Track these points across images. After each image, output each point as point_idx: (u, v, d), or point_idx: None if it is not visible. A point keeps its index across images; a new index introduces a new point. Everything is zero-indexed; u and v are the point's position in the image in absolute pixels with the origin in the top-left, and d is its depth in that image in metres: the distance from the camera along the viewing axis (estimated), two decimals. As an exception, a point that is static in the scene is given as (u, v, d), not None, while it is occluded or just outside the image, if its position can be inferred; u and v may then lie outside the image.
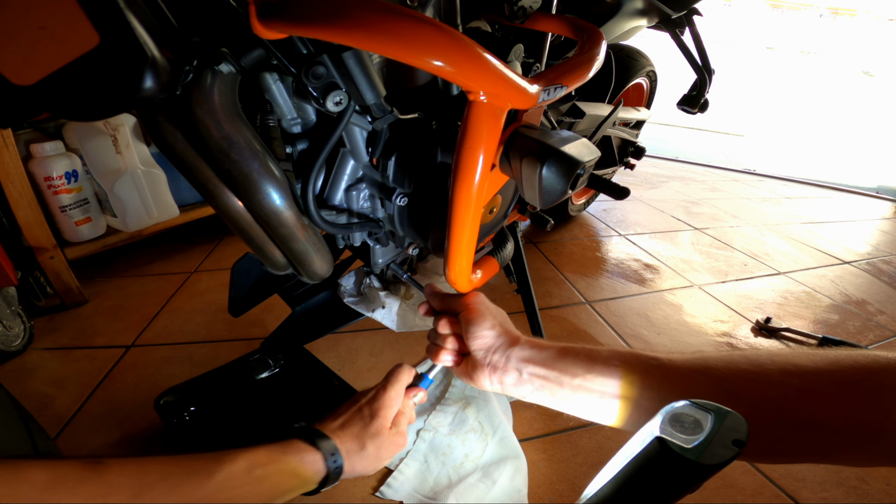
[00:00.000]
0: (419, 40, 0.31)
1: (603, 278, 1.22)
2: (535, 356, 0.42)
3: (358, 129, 0.47)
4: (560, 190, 0.40)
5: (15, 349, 0.83)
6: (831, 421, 0.30)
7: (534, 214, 0.79)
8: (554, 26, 0.59)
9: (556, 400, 0.41)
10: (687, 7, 0.99)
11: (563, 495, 0.62)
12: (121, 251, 1.16)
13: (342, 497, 0.60)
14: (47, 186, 0.93)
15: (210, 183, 0.44)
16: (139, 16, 0.29)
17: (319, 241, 0.51)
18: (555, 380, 0.41)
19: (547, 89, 0.40)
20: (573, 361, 0.40)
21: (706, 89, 1.13)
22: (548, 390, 0.41)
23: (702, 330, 1.03)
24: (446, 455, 0.65)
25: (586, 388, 0.39)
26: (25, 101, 0.30)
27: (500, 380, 0.44)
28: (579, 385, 0.39)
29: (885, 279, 1.37)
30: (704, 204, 1.91)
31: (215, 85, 0.37)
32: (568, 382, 0.40)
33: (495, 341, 0.44)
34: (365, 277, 0.67)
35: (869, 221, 1.91)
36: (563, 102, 0.88)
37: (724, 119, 4.22)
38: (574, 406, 0.41)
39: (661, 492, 0.20)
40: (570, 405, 0.41)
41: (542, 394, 0.42)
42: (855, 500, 0.65)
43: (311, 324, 0.74)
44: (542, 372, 0.41)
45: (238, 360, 0.73)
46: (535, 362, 0.42)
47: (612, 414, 0.39)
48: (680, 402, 0.22)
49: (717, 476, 0.20)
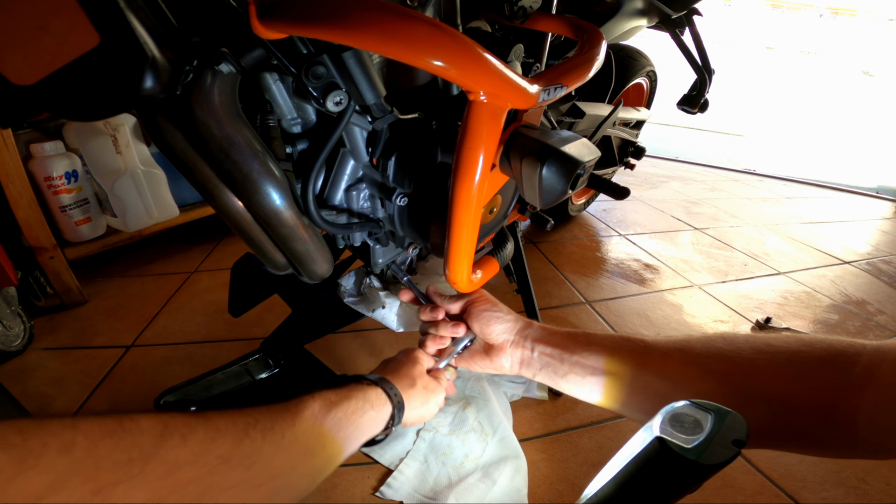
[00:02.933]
0: (419, 40, 0.31)
1: (603, 278, 1.22)
2: (546, 336, 0.47)
3: (358, 129, 0.47)
4: (560, 190, 0.40)
5: (15, 349, 0.83)
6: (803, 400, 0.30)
7: (534, 214, 0.79)
8: (554, 26, 0.59)
9: (557, 377, 0.46)
10: (687, 7, 0.99)
11: (563, 495, 0.62)
12: (121, 251, 1.16)
13: (342, 497, 0.60)
14: (47, 186, 0.93)
15: (210, 183, 0.44)
16: (139, 16, 0.29)
17: (319, 241, 0.51)
18: (557, 357, 0.45)
19: (547, 89, 0.40)
20: (573, 341, 0.45)
21: (706, 89, 1.13)
22: (551, 368, 0.46)
23: (702, 330, 1.03)
24: (446, 455, 0.65)
25: (581, 364, 0.44)
26: (25, 101, 0.30)
27: (519, 358, 0.48)
28: (576, 362, 0.44)
29: (885, 279, 1.37)
30: (704, 204, 1.91)
31: (215, 85, 0.37)
32: (567, 359, 0.45)
33: (514, 324, 0.49)
34: (365, 277, 0.66)
35: (869, 221, 1.91)
36: (563, 102, 0.88)
37: (724, 119, 4.22)
38: (570, 382, 0.45)
39: (661, 492, 0.20)
40: (567, 382, 0.45)
41: (546, 371, 0.47)
42: (855, 500, 0.65)
43: (311, 324, 0.74)
44: (548, 350, 0.46)
45: (238, 360, 0.73)
46: (544, 342, 0.47)
47: (600, 390, 0.43)
48: (680, 403, 0.22)
49: (717, 476, 0.20)
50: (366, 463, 0.65)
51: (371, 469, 0.64)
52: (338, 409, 0.37)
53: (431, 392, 0.48)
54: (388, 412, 0.42)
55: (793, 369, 0.31)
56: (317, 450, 0.33)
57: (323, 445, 0.34)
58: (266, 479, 0.28)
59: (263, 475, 0.27)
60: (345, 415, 0.37)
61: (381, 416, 0.41)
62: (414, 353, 0.51)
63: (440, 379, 0.51)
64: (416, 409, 0.46)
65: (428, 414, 0.48)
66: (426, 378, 0.49)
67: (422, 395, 0.47)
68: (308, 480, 0.33)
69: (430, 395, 0.48)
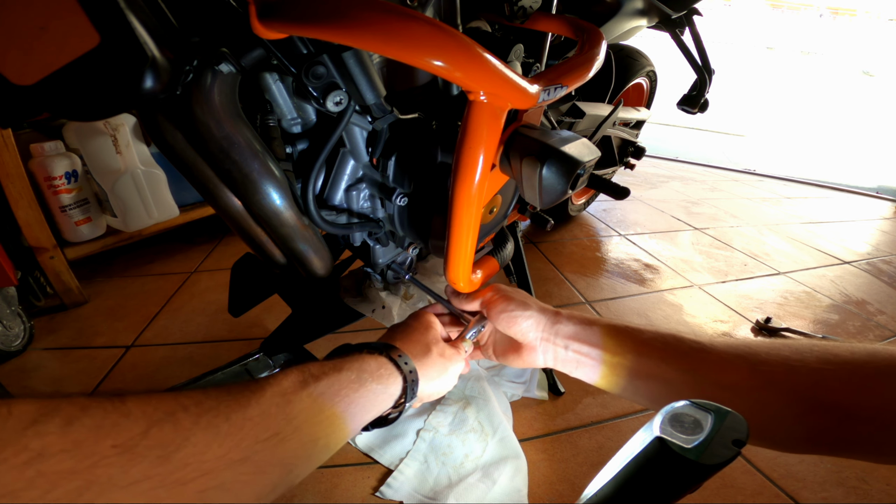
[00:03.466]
0: (419, 40, 0.31)
1: (603, 278, 1.22)
2: (581, 333, 0.43)
3: (358, 129, 0.47)
4: (560, 190, 0.40)
5: (15, 349, 0.83)
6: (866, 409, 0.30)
7: (534, 214, 0.79)
8: (554, 26, 0.59)
9: (596, 376, 0.42)
10: (687, 7, 0.99)
11: (563, 495, 0.62)
12: (121, 251, 1.16)
13: (342, 497, 0.60)
14: (47, 186, 0.93)
15: (210, 183, 0.44)
16: (139, 16, 0.29)
17: (319, 241, 0.51)
18: (597, 358, 0.41)
19: (547, 89, 0.40)
20: (616, 340, 0.41)
21: (706, 89, 1.13)
22: (589, 367, 0.42)
23: (702, 330, 1.03)
24: (446, 455, 0.65)
25: (625, 368, 0.40)
26: (25, 101, 0.30)
27: (553, 355, 0.44)
28: (619, 364, 0.40)
29: (885, 279, 1.37)
30: (704, 204, 1.91)
31: (215, 85, 0.37)
32: (609, 361, 0.41)
33: (539, 320, 0.44)
34: (365, 277, 0.66)
35: (869, 221, 1.91)
36: (563, 102, 0.88)
37: (724, 119, 4.22)
38: (613, 385, 0.42)
39: (661, 492, 0.20)
40: (608, 383, 0.42)
41: (584, 370, 0.43)
42: (855, 500, 0.65)
43: (311, 324, 0.74)
44: (585, 349, 0.42)
45: (238, 360, 0.73)
46: (580, 339, 0.42)
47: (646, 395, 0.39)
48: (680, 403, 0.22)
49: (717, 476, 0.20)
50: (366, 463, 0.65)
51: (371, 469, 0.64)
52: (319, 384, 0.30)
53: (449, 360, 0.42)
54: (397, 385, 0.36)
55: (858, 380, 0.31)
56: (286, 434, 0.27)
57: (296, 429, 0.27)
58: (196, 473, 0.22)
59: (192, 469, 0.22)
60: (331, 390, 0.31)
61: (389, 391, 0.35)
62: (426, 317, 0.45)
63: (459, 348, 0.45)
64: (432, 379, 0.40)
65: (446, 386, 0.42)
66: (442, 344, 0.43)
67: (439, 363, 0.40)
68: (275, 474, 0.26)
69: (449, 364, 0.41)
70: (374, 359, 0.36)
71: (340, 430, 0.31)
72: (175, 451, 0.22)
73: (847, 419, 0.30)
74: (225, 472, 0.23)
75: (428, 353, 0.41)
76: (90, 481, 0.19)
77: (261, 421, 0.26)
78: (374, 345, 0.38)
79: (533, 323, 0.44)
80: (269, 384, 0.28)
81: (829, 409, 0.31)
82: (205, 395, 0.26)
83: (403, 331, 0.43)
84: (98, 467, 0.19)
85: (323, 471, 0.63)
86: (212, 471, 0.23)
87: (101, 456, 0.19)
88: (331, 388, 0.31)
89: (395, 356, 0.37)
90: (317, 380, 0.30)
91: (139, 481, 0.20)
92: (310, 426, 0.29)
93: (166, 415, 0.23)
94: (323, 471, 0.63)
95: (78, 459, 0.19)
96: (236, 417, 0.25)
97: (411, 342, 0.41)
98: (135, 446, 0.21)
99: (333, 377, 0.31)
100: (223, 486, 0.23)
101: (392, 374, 0.36)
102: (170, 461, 0.21)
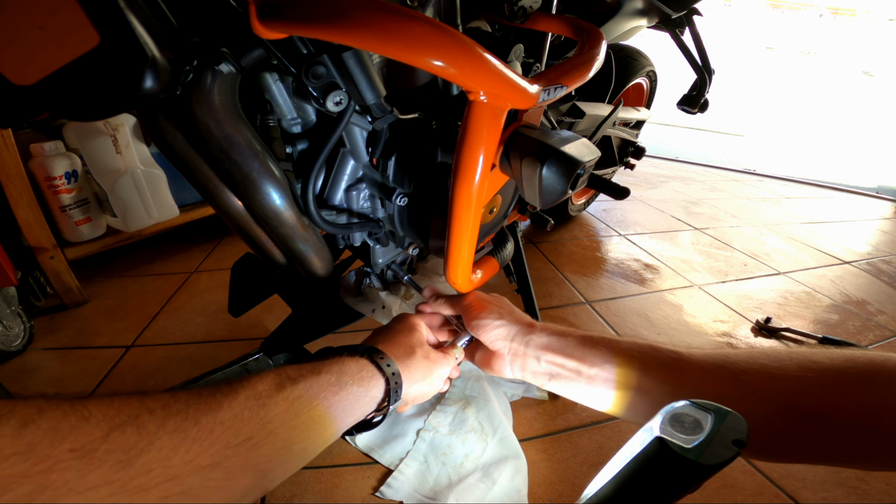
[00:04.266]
0: (419, 40, 0.31)
1: (603, 278, 1.22)
2: (555, 344, 0.42)
3: (358, 129, 0.47)
4: (560, 190, 0.40)
5: (15, 349, 0.83)
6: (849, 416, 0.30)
7: (534, 214, 0.79)
8: (554, 26, 0.59)
9: (572, 390, 0.41)
10: (687, 7, 0.99)
11: (563, 495, 0.62)
12: (121, 251, 1.16)
13: (342, 497, 0.60)
14: (47, 186, 0.93)
15: (210, 183, 0.44)
16: (139, 16, 0.29)
17: (319, 241, 0.51)
18: (573, 369, 0.40)
19: (547, 89, 0.40)
20: (592, 351, 0.40)
21: (706, 89, 1.13)
22: (564, 379, 0.41)
23: (702, 330, 1.03)
24: (446, 455, 0.65)
25: (602, 379, 0.39)
26: (25, 101, 0.30)
27: (521, 366, 0.43)
28: (595, 376, 0.39)
29: (885, 279, 1.37)
30: (704, 204, 1.91)
31: (215, 85, 0.37)
32: (585, 372, 0.40)
33: (510, 330, 0.44)
34: (365, 277, 0.66)
35: (869, 221, 1.91)
36: (563, 102, 0.88)
37: (724, 119, 4.22)
38: (589, 397, 0.41)
39: (661, 492, 0.20)
40: (585, 395, 0.41)
41: (558, 383, 0.42)
42: (855, 500, 0.65)
43: (311, 324, 0.74)
44: (560, 360, 0.41)
45: (238, 360, 0.73)
46: (553, 350, 0.41)
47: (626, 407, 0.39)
48: (680, 403, 0.22)
49: (717, 476, 0.20)
50: (366, 463, 0.65)
51: (371, 469, 0.64)
52: (297, 387, 0.30)
53: (434, 363, 0.41)
54: (379, 388, 0.35)
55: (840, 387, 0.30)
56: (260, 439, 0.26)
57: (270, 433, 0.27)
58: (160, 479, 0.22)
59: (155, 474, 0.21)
60: (309, 393, 0.30)
61: (371, 393, 0.35)
62: (410, 320, 0.44)
63: (449, 354, 0.45)
64: (416, 382, 0.39)
65: (432, 389, 0.42)
66: (427, 347, 0.42)
67: (423, 365, 0.40)
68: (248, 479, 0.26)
69: (434, 367, 0.41)
70: (355, 361, 0.35)
71: (319, 435, 0.30)
72: (137, 456, 0.21)
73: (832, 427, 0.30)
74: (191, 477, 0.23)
75: (412, 355, 0.40)
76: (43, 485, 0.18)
77: (233, 425, 0.25)
78: (355, 347, 0.38)
79: (503, 332, 0.43)
80: (244, 387, 0.28)
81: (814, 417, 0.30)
82: (173, 397, 0.25)
83: (387, 333, 0.42)
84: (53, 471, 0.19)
85: (323, 471, 0.63)
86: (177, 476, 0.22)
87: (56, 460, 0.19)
88: (308, 392, 0.30)
89: (377, 358, 0.37)
90: (294, 382, 0.30)
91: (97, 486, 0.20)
92: (285, 430, 0.28)
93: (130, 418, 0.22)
94: (323, 471, 0.63)
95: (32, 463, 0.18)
96: (206, 421, 0.24)
97: (395, 344, 0.40)
98: (94, 450, 0.20)
99: (312, 380, 0.31)
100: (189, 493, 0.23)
101: (374, 376, 0.36)
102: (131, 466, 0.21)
